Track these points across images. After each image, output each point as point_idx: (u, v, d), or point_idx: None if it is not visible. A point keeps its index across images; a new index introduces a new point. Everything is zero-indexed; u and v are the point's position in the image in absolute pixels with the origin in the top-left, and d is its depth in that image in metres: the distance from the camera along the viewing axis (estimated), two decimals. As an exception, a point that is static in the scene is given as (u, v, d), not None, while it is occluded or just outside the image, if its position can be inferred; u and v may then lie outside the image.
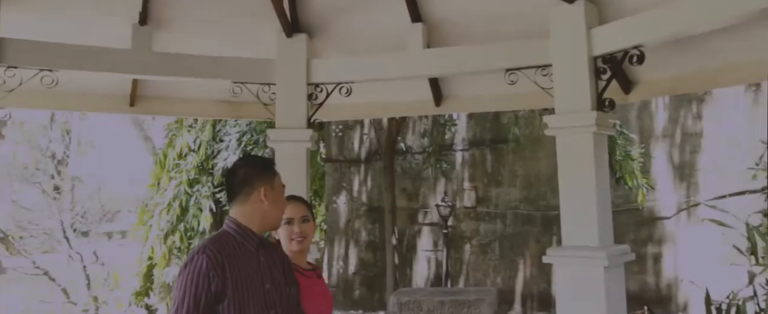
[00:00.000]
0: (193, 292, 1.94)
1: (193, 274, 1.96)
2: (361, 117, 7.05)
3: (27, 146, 9.48)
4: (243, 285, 2.02)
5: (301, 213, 2.57)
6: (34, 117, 10.45)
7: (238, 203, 2.14)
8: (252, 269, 2.08)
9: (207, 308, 1.95)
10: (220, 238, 2.10)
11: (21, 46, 4.17)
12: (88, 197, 10.67)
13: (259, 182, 2.15)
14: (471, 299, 5.60)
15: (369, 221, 9.80)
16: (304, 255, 2.61)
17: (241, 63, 4.83)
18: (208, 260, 1.98)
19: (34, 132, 10.12)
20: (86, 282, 8.51)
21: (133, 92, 5.26)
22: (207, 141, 7.97)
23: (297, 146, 4.75)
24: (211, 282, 1.96)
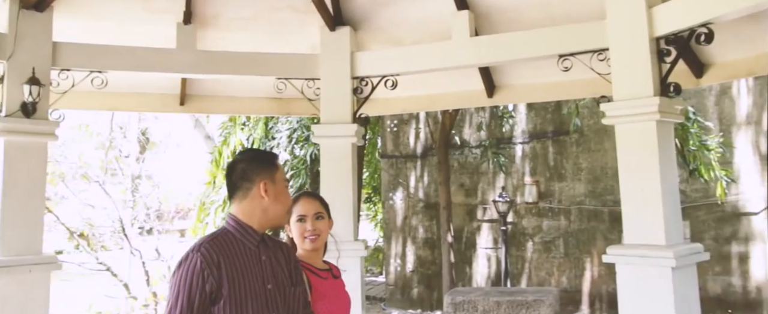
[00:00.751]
0: (186, 292, 1.84)
1: (187, 274, 1.86)
2: (411, 111, 6.87)
3: (95, 145, 9.95)
4: (241, 284, 1.90)
5: (315, 210, 2.42)
6: (105, 118, 10.90)
7: (237, 200, 2.03)
8: (252, 268, 1.96)
9: (202, 309, 1.85)
10: (217, 236, 1.99)
11: (72, 50, 4.28)
12: (153, 195, 11.06)
13: (259, 176, 2.02)
14: (529, 300, 5.32)
15: (426, 217, 9.60)
16: (318, 254, 2.46)
17: (285, 59, 4.77)
18: (202, 258, 1.87)
19: (102, 132, 10.57)
20: (146, 278, 8.81)
21: (182, 91, 5.32)
22: (259, 139, 8.03)
23: (342, 141, 4.64)
24: (206, 281, 1.85)
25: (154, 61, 4.48)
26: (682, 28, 3.40)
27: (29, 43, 4.08)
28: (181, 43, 4.53)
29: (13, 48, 4.02)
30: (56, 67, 4.23)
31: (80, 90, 4.46)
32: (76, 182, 9.16)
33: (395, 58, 4.60)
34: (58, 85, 4.28)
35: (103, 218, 9.40)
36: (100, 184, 8.92)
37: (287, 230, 2.44)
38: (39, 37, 4.13)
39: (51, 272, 4.05)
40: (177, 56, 4.52)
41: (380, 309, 10.23)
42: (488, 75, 4.96)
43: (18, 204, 3.98)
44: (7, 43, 4.01)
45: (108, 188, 9.76)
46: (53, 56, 4.19)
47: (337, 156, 4.65)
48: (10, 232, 3.93)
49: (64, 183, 9.04)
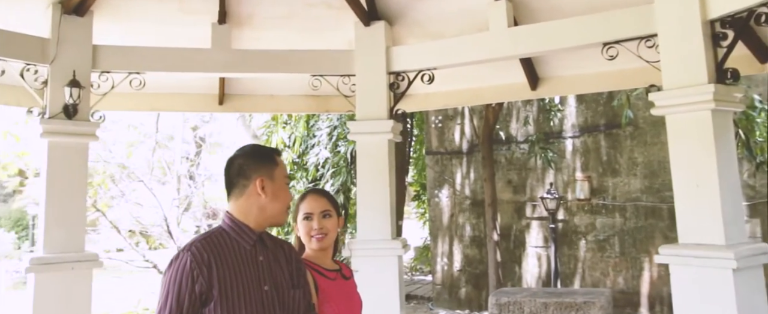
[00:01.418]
0: (175, 293, 1.77)
1: (177, 274, 1.79)
2: (451, 106, 6.68)
3: (150, 146, 10.23)
4: (233, 286, 1.81)
5: (321, 208, 2.32)
6: (163, 119, 11.19)
7: (234, 197, 1.95)
8: (246, 269, 1.87)
9: (192, 310, 1.77)
10: (210, 235, 1.91)
11: (111, 52, 4.35)
12: (204, 195, 11.29)
13: (256, 173, 1.93)
14: (579, 301, 5.06)
15: (473, 215, 9.37)
16: (327, 254, 2.36)
17: (320, 55, 4.71)
18: (192, 258, 1.79)
19: (158, 133, 10.86)
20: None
21: (221, 91, 5.35)
22: (301, 137, 8.04)
23: (378, 137, 4.54)
24: (195, 282, 1.77)
25: (190, 61, 4.50)
26: (740, 9, 3.11)
27: (70, 47, 4.17)
28: (216, 42, 4.54)
29: (55, 52, 4.11)
30: (96, 69, 4.30)
31: (121, 92, 4.54)
32: (130, 183, 9.44)
33: (431, 52, 4.45)
34: (98, 87, 4.36)
35: (156, 217, 9.65)
36: (145, 184, 9.15)
37: (295, 229, 2.35)
38: (80, 41, 4.21)
39: (92, 269, 4.13)
40: (212, 56, 4.53)
41: (427, 308, 10.08)
42: (531, 67, 4.75)
43: (61, 203, 4.08)
44: (50, 47, 4.11)
45: (161, 188, 10.05)
46: (93, 59, 4.27)
47: (374, 153, 4.56)
48: (54, 230, 4.02)
49: (115, 184, 9.32)
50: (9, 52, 3.98)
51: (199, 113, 11.00)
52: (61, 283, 3.96)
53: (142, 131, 9.87)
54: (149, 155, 9.36)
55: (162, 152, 9.82)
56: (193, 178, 10.77)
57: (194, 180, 10.60)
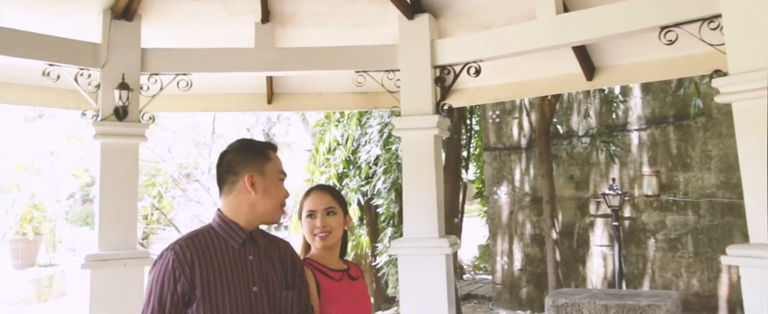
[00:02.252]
0: (157, 293, 1.73)
1: (159, 273, 1.75)
2: (502, 99, 6.42)
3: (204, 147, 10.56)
4: (217, 286, 1.75)
5: (325, 205, 2.22)
6: (229, 120, 11.50)
7: (224, 194, 1.89)
8: (233, 268, 1.80)
9: (174, 310, 1.72)
10: (197, 233, 1.85)
11: (158, 55, 4.44)
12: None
13: (245, 169, 1.87)
14: (643, 304, 4.73)
15: (533, 212, 9.03)
16: (332, 253, 2.26)
17: (363, 51, 4.62)
18: (174, 257, 1.74)
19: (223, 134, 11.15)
20: None
21: (269, 90, 5.37)
22: (353, 134, 8.00)
23: (424, 133, 4.41)
24: (177, 282, 1.72)
25: (234, 61, 4.53)
26: (817, -19, 2.77)
27: (120, 51, 4.28)
28: (260, 42, 4.55)
29: (106, 56, 4.24)
30: (145, 72, 4.41)
31: (172, 93, 4.63)
32: (190, 183, 9.76)
33: (475, 44, 4.27)
34: (147, 89, 4.46)
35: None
36: (201, 184, 9.40)
37: (300, 228, 2.28)
38: (128, 44, 4.32)
39: (144, 266, 4.23)
40: (256, 55, 4.54)
41: (488, 308, 9.85)
42: (586, 56, 4.48)
43: (114, 202, 4.20)
44: (101, 52, 4.24)
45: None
46: (142, 62, 4.37)
47: (419, 149, 4.43)
48: (108, 228, 4.15)
49: (176, 184, 9.62)
50: (64, 58, 4.13)
51: (270, 114, 11.24)
52: (114, 279, 4.08)
53: (201, 132, 10.17)
54: (206, 155, 9.62)
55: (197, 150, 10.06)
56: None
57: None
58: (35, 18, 4.11)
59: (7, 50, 3.87)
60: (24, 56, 3.97)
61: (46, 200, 14.46)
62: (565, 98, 8.35)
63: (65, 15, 4.31)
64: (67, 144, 10.97)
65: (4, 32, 3.84)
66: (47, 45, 4.04)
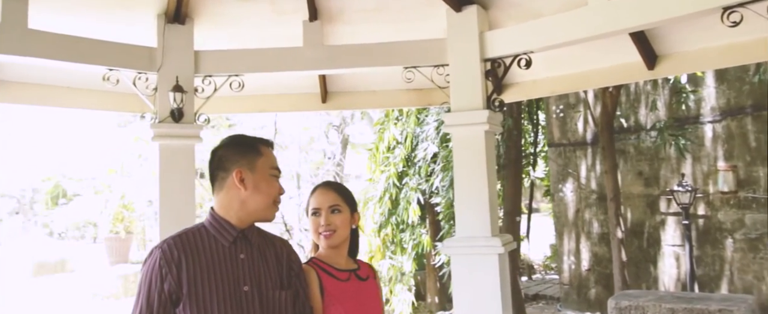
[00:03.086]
0: (146, 292, 1.71)
1: (147, 272, 1.73)
2: (558, 92, 6.16)
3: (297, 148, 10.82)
4: (204, 285, 1.71)
5: (330, 202, 2.14)
6: (304, 121, 11.69)
7: (216, 191, 1.85)
8: (222, 268, 1.75)
9: (162, 309, 1.69)
10: (187, 231, 1.82)
11: (211, 57, 4.54)
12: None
13: (235, 164, 1.82)
14: (712, 309, 4.41)
15: (600, 210, 8.63)
16: (339, 252, 2.17)
17: (412, 46, 4.55)
18: (161, 256, 1.72)
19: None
20: None
21: (322, 89, 5.39)
22: (412, 132, 7.93)
23: (474, 129, 4.27)
24: (164, 280, 1.69)
25: (283, 60, 4.57)
26: None
27: (174, 54, 4.41)
28: (308, 40, 4.57)
29: (161, 60, 4.39)
30: (199, 74, 4.52)
31: (228, 95, 4.74)
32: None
33: (525, 34, 4.10)
34: (202, 91, 4.58)
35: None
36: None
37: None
38: (182, 47, 4.44)
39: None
40: (305, 53, 4.56)
41: (555, 310, 9.54)
42: (645, 43, 4.22)
43: (173, 202, 4.33)
44: (157, 56, 4.39)
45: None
46: (195, 64, 4.49)
47: (470, 145, 4.31)
48: (168, 227, 4.25)
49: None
50: (123, 62, 4.30)
51: (341, 114, 11.33)
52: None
53: (266, 132, 10.38)
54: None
55: (284, 153, 10.26)
56: (340, 177, 11.16)
57: (341, 179, 10.97)
58: (94, 25, 4.30)
59: (69, 57, 4.07)
60: (85, 62, 4.15)
61: (137, 201, 15.33)
62: (631, 89, 7.93)
63: (122, 21, 4.49)
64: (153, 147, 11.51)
65: (66, 39, 4.04)
66: (106, 50, 4.21)
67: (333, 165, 11.75)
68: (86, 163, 18.41)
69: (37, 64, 4.21)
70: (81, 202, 18.42)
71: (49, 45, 3.99)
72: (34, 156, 20.15)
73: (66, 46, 4.06)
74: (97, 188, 17.61)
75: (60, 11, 4.18)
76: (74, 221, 18.72)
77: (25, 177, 21.43)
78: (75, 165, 19.50)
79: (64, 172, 20.42)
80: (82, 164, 18.83)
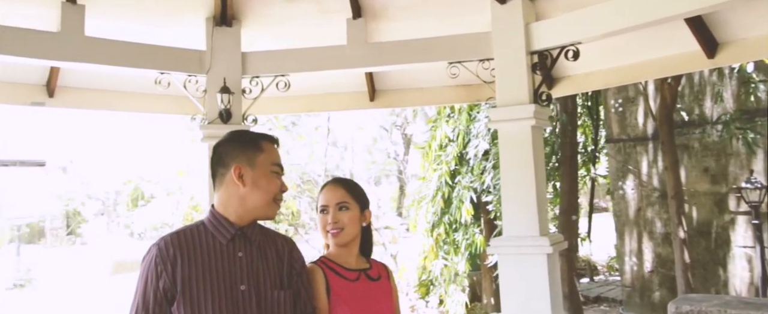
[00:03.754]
0: (142, 289, 1.70)
1: (144, 269, 1.71)
2: (611, 85, 5.88)
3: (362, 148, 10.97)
4: (199, 284, 1.68)
5: (337, 199, 2.08)
6: (360, 121, 11.76)
7: (216, 188, 1.82)
8: (219, 266, 1.72)
9: (158, 307, 1.67)
10: (185, 228, 1.80)
11: (257, 57, 4.62)
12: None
13: (234, 160, 1.78)
14: (784, 315, 4.09)
15: (663, 209, 8.19)
16: (349, 251, 2.11)
17: (455, 41, 4.46)
18: (157, 253, 1.70)
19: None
20: None
21: (370, 87, 5.39)
22: (464, 129, 7.78)
23: (520, 125, 4.15)
24: (159, 278, 1.68)
25: (328, 58, 4.59)
26: None
27: (222, 56, 4.52)
28: (352, 38, 4.57)
29: (210, 62, 4.50)
30: (246, 75, 4.61)
31: (276, 96, 4.81)
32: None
33: (571, 24, 3.94)
34: (250, 92, 4.66)
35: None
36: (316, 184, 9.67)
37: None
38: (230, 49, 4.55)
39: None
40: (348, 51, 4.56)
41: (618, 313, 9.17)
42: (705, 30, 3.97)
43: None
44: (206, 58, 4.51)
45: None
46: (242, 65, 4.58)
47: (516, 142, 4.18)
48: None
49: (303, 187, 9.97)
50: (173, 65, 4.45)
51: (407, 113, 11.31)
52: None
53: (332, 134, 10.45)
54: (322, 156, 9.93)
55: (336, 152, 10.35)
56: (403, 176, 11.16)
57: (404, 178, 10.97)
58: (146, 30, 4.46)
59: (123, 62, 4.24)
60: (138, 66, 4.32)
61: (204, 202, 15.94)
62: (695, 80, 7.50)
63: (175, 25, 4.64)
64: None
65: (120, 45, 4.21)
66: (158, 55, 4.37)
67: (396, 165, 11.74)
68: (160, 166, 19.29)
69: (93, 69, 4.42)
70: (156, 204, 19.34)
71: (104, 51, 4.17)
72: (117, 161, 21.35)
73: (120, 51, 4.23)
74: (170, 190, 18.38)
75: (114, 18, 4.36)
76: (151, 222, 19.63)
77: (108, 180, 22.71)
78: (151, 168, 20.49)
79: (142, 175, 21.50)
80: (157, 167, 19.75)
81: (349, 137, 10.73)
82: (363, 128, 10.96)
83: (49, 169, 24.22)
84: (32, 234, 24.65)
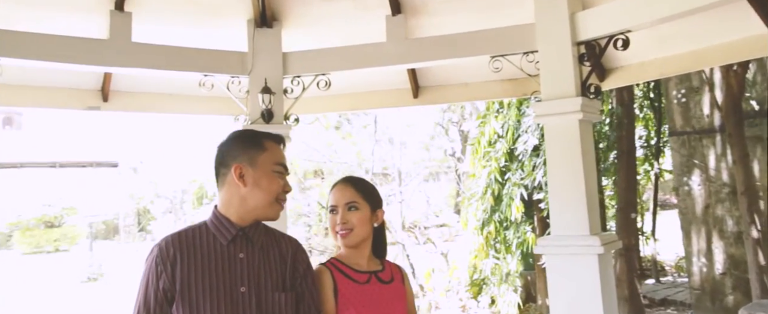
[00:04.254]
0: (143, 290, 1.69)
1: (146, 269, 1.71)
2: (668, 75, 5.51)
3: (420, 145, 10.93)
4: (198, 285, 1.65)
5: (346, 199, 2.01)
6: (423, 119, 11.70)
7: (219, 188, 1.80)
8: (218, 267, 1.69)
9: (159, 308, 1.66)
10: (187, 228, 1.78)
11: (297, 57, 4.64)
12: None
13: (235, 160, 1.76)
14: None
15: (734, 206, 7.64)
16: (360, 253, 2.03)
17: (497, 34, 4.32)
18: (158, 253, 1.69)
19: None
20: (411, 271, 9.16)
21: (413, 84, 5.30)
22: (513, 125, 7.55)
23: (567, 119, 3.97)
24: (159, 278, 1.67)
25: (367, 56, 4.55)
26: None
27: (264, 57, 4.56)
28: (391, 34, 4.51)
29: (252, 63, 4.55)
30: (287, 75, 4.63)
31: (319, 95, 4.81)
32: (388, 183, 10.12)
33: (621, 12, 3.72)
34: (292, 92, 4.68)
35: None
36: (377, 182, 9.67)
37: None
38: (271, 50, 4.58)
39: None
40: (388, 48, 4.50)
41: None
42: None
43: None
44: (247, 60, 4.56)
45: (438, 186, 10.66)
46: (284, 66, 4.60)
47: (563, 136, 4.01)
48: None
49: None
50: (217, 68, 4.53)
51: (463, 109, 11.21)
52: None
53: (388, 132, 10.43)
54: (369, 154, 9.93)
55: (386, 150, 10.31)
56: (458, 174, 11.09)
57: (459, 176, 10.90)
58: (189, 33, 4.56)
59: (169, 65, 4.36)
60: (183, 69, 4.43)
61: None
62: (767, 66, 6.95)
63: (218, 28, 4.72)
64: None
65: (166, 50, 4.33)
66: (202, 58, 4.46)
67: (454, 162, 11.60)
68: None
69: (141, 74, 4.56)
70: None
71: (151, 56, 4.30)
72: (183, 161, 22.26)
73: (166, 56, 4.35)
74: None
75: (159, 23, 4.48)
76: (214, 219, 20.38)
77: (175, 180, 23.72)
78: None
79: (206, 175, 22.30)
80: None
81: (400, 135, 10.66)
82: (412, 126, 10.89)
83: (122, 170, 25.52)
84: (108, 231, 26.05)
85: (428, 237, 9.93)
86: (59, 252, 23.64)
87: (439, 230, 11.27)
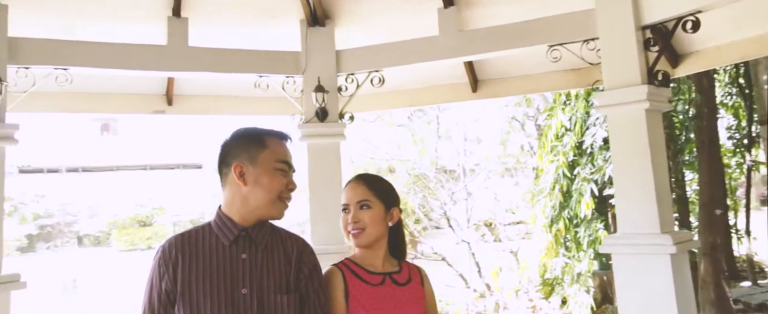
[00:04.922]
0: (148, 292, 1.69)
1: (151, 270, 1.70)
2: (749, 58, 5.01)
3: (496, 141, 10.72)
4: (199, 286, 1.62)
5: (358, 197, 1.91)
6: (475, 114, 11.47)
7: (222, 187, 1.75)
8: (219, 268, 1.65)
9: (163, 309, 1.65)
10: (192, 229, 1.75)
11: (351, 55, 4.62)
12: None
13: (235, 158, 1.71)
14: None
15: (837, 200, 6.94)
16: (374, 253, 1.93)
17: (554, 21, 4.11)
18: (161, 254, 1.68)
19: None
20: (477, 270, 8.90)
21: (471, 78, 5.16)
22: (581, 117, 7.15)
23: (632, 108, 3.71)
24: (162, 279, 1.66)
25: (420, 50, 4.45)
26: None
27: (317, 56, 4.57)
28: (444, 27, 4.39)
29: (305, 63, 4.57)
30: (341, 73, 4.61)
31: (374, 92, 4.77)
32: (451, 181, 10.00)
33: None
34: (346, 90, 4.66)
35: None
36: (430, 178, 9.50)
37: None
38: (324, 49, 4.58)
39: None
40: (440, 42, 4.39)
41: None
42: None
43: (321, 199, 4.49)
44: (301, 59, 4.59)
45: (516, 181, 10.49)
46: (337, 64, 4.59)
47: (628, 128, 3.76)
48: (318, 224, 4.45)
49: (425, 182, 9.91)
50: (272, 68, 4.58)
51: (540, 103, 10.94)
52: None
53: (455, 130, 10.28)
54: (432, 151, 9.78)
55: (451, 145, 10.11)
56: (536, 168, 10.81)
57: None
58: (244, 35, 4.64)
59: (225, 68, 4.46)
60: (239, 71, 4.52)
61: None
62: None
63: (272, 30, 4.78)
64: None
65: (221, 53, 4.43)
66: (257, 59, 4.53)
67: (529, 157, 11.28)
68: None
69: (200, 77, 4.68)
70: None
71: (207, 59, 4.41)
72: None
73: (221, 58, 4.45)
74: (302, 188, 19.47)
75: (214, 27, 4.59)
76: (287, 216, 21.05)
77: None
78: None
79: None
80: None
81: (466, 131, 10.45)
82: (478, 120, 10.64)
83: (206, 171, 26.77)
84: (193, 230, 27.60)
85: (497, 235, 9.67)
86: (152, 249, 25.19)
87: (516, 228, 10.95)
